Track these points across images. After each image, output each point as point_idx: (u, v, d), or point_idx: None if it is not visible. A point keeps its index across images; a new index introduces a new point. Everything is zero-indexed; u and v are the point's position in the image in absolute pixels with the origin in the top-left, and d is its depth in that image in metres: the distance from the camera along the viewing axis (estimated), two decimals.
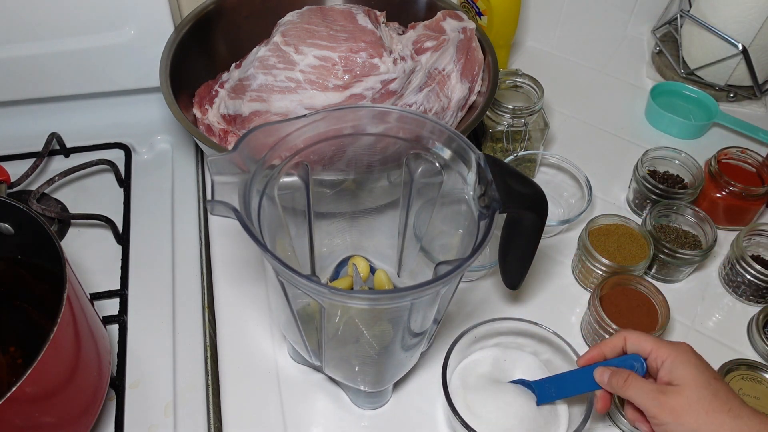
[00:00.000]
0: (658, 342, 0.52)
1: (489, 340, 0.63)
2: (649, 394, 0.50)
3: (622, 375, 0.53)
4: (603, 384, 0.54)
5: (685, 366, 0.50)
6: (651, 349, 0.52)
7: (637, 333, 0.54)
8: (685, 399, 0.49)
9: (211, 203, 0.46)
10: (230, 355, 0.66)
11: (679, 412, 0.48)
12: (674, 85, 0.95)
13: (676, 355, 0.51)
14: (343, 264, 0.69)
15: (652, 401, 0.50)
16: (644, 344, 0.53)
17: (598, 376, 0.54)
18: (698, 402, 0.48)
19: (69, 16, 0.78)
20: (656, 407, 0.50)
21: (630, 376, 0.52)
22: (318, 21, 0.73)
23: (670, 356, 0.51)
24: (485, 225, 0.49)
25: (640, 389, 0.51)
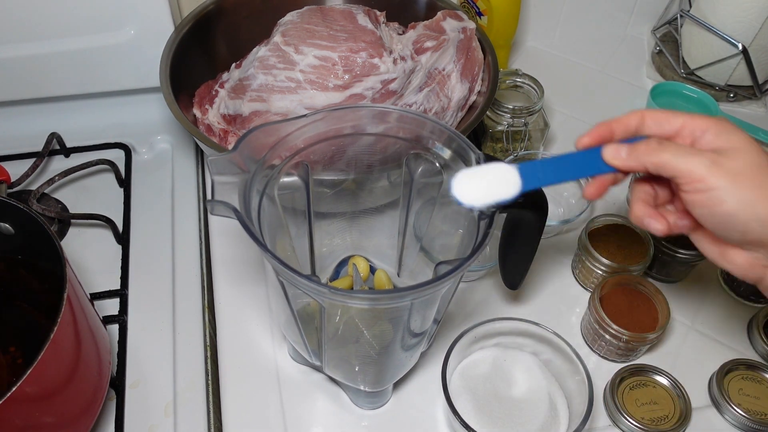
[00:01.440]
0: (688, 114, 0.42)
1: (489, 340, 0.63)
2: (695, 154, 0.40)
3: (649, 144, 0.42)
4: (617, 160, 0.43)
5: (735, 131, 0.41)
6: (682, 122, 0.42)
7: (658, 110, 0.44)
8: (747, 162, 0.39)
9: (211, 203, 0.46)
10: (230, 355, 0.66)
11: (739, 176, 0.39)
12: (674, 85, 0.95)
13: (718, 122, 0.41)
14: (343, 264, 0.69)
15: (700, 161, 0.40)
16: (672, 119, 0.42)
17: (611, 152, 0.43)
18: (759, 168, 0.40)
19: (69, 16, 0.78)
20: (707, 167, 0.40)
21: (664, 143, 0.41)
22: (318, 21, 0.73)
23: (713, 124, 0.41)
24: (485, 225, 0.49)
25: (679, 150, 0.41)
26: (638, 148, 0.42)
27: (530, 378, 0.62)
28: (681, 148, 0.41)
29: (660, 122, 0.43)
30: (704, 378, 0.66)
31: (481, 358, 0.63)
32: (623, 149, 0.43)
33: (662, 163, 0.41)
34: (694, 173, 0.40)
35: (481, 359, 0.63)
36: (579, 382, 0.58)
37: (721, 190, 0.39)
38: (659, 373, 0.64)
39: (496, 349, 0.64)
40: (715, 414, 0.63)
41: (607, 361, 0.67)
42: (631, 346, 0.64)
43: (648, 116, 0.44)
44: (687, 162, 0.40)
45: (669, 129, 0.43)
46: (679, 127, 0.43)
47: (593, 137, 0.45)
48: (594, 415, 0.63)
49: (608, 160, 0.44)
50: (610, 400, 0.62)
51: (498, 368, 0.63)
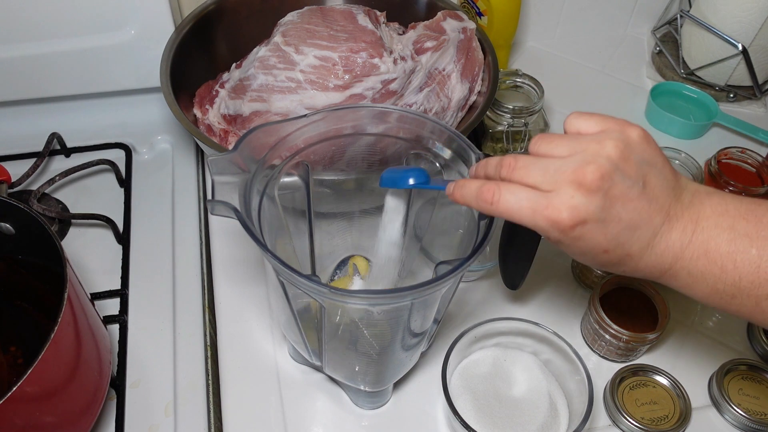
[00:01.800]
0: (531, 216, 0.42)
1: (489, 340, 0.63)
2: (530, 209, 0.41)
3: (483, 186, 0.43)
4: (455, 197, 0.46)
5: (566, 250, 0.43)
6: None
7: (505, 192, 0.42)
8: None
9: (212, 203, 0.46)
10: (230, 355, 0.67)
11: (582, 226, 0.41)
12: (674, 85, 0.95)
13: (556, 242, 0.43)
14: (344, 264, 0.69)
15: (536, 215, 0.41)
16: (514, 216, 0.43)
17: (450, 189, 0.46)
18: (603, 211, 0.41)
19: (69, 16, 0.79)
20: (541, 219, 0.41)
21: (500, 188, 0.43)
22: (318, 21, 0.73)
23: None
24: (485, 225, 0.49)
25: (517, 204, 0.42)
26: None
27: (530, 378, 0.62)
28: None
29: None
30: (704, 378, 0.66)
31: (481, 358, 0.63)
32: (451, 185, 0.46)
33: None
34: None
35: (481, 359, 0.63)
36: (579, 382, 0.58)
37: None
38: (659, 373, 0.64)
39: (496, 349, 0.64)
40: (715, 414, 0.63)
41: (607, 361, 0.67)
42: (631, 346, 0.64)
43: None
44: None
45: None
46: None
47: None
48: (594, 415, 0.63)
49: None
50: (610, 400, 0.62)
51: (498, 368, 0.63)
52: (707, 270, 0.43)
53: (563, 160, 0.42)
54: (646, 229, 0.42)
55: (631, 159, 0.41)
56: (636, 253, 0.43)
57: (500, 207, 0.42)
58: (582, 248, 0.42)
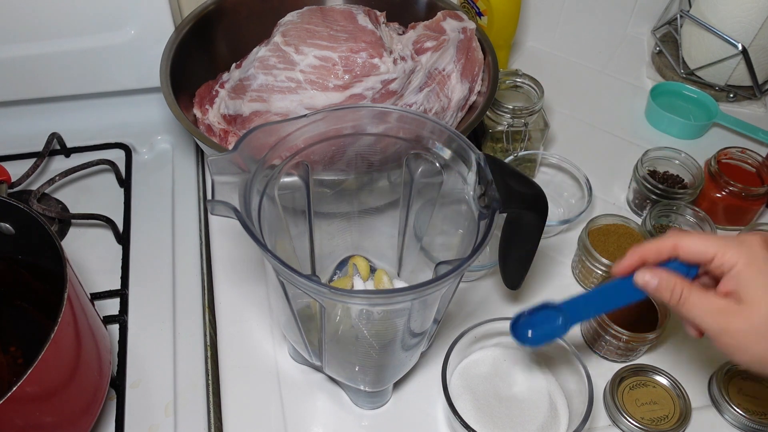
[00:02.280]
0: (722, 244, 0.43)
1: (489, 340, 0.63)
2: (709, 313, 0.43)
3: (674, 287, 0.44)
4: (649, 290, 0.46)
5: (756, 278, 0.42)
6: (714, 254, 0.44)
7: (691, 238, 0.45)
8: (754, 322, 0.42)
9: (212, 203, 0.46)
10: (230, 355, 0.67)
11: (744, 338, 0.42)
12: (674, 85, 0.95)
13: (747, 262, 0.42)
14: (343, 264, 0.69)
15: (713, 323, 0.43)
16: (704, 250, 0.44)
17: (642, 280, 0.46)
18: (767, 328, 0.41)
19: (69, 16, 0.79)
20: (718, 331, 0.43)
21: (685, 290, 0.44)
22: (318, 21, 0.73)
23: (739, 262, 0.43)
24: (485, 225, 0.49)
25: (698, 307, 0.43)
26: (660, 293, 0.45)
27: (530, 378, 0.62)
28: (698, 307, 0.44)
29: (692, 254, 0.45)
30: (704, 378, 0.66)
31: (481, 358, 0.63)
32: (653, 281, 0.46)
33: (683, 316, 0.45)
34: (709, 333, 0.44)
35: (481, 359, 0.63)
36: (579, 382, 0.58)
37: (731, 348, 0.43)
38: (659, 373, 0.64)
39: (496, 349, 0.64)
40: (715, 414, 0.63)
41: (607, 361, 0.67)
42: (631, 346, 0.64)
43: (680, 246, 0.45)
44: (702, 323, 0.44)
45: (702, 259, 0.45)
46: (712, 257, 0.44)
47: (624, 269, 0.48)
48: (594, 415, 0.63)
49: (639, 284, 0.46)
50: (610, 400, 0.62)
51: (498, 368, 0.63)
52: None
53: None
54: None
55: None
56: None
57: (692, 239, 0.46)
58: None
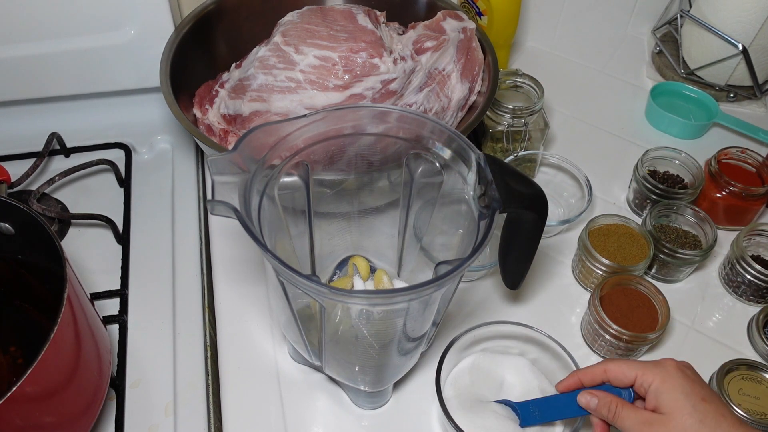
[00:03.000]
0: (641, 367, 0.52)
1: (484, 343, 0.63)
2: (637, 424, 0.51)
3: (610, 404, 0.52)
4: (590, 410, 0.54)
5: (671, 392, 0.50)
6: (635, 376, 0.52)
7: (617, 363, 0.54)
8: (672, 428, 0.49)
9: (212, 203, 0.46)
10: (230, 355, 0.67)
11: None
12: (674, 85, 0.95)
13: (662, 380, 0.51)
14: (343, 264, 0.69)
15: (640, 430, 0.50)
16: (627, 374, 0.53)
17: (584, 401, 0.54)
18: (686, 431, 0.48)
19: (69, 16, 0.79)
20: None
21: (618, 406, 0.52)
22: (318, 21, 0.73)
23: (655, 380, 0.51)
24: (485, 225, 0.49)
25: (629, 419, 0.51)
26: (599, 410, 0.53)
27: (523, 381, 0.62)
28: (628, 418, 0.51)
29: (618, 378, 0.53)
30: (704, 378, 0.65)
31: (475, 362, 0.63)
32: (593, 402, 0.53)
33: (619, 426, 0.52)
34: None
35: (474, 364, 0.63)
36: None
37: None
38: None
39: (490, 352, 0.63)
40: None
41: None
42: (632, 346, 0.64)
43: (608, 372, 0.54)
44: (632, 428, 0.51)
45: (627, 382, 0.53)
46: (633, 380, 0.52)
47: (564, 387, 0.56)
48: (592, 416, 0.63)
49: (582, 404, 0.54)
50: None
51: (492, 371, 0.62)
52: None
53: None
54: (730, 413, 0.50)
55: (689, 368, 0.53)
56: (729, 416, 0.49)
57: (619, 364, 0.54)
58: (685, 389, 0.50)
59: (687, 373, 0.51)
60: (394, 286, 0.66)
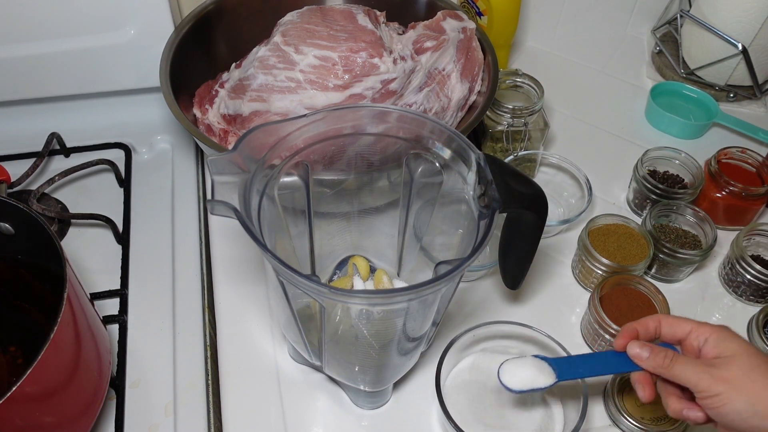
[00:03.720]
0: (696, 322, 0.51)
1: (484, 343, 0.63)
2: (698, 367, 0.48)
3: (665, 355, 0.50)
4: (641, 361, 0.51)
5: (733, 339, 0.49)
6: (690, 329, 0.50)
7: (672, 316, 0.52)
8: (739, 368, 0.47)
9: (212, 203, 0.46)
10: (230, 355, 0.67)
11: (734, 381, 0.47)
12: (674, 85, 0.95)
13: (720, 330, 0.49)
14: (343, 264, 0.69)
15: (702, 374, 0.48)
16: (682, 325, 0.51)
17: (635, 352, 0.51)
18: (754, 370, 0.46)
19: (69, 16, 0.79)
20: (708, 379, 0.47)
21: (673, 355, 0.50)
22: (318, 21, 0.73)
23: (714, 332, 0.49)
24: (485, 225, 0.49)
25: (687, 365, 0.49)
26: (653, 359, 0.51)
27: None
28: (687, 364, 0.49)
29: (673, 328, 0.52)
30: None
31: (475, 362, 0.63)
32: (645, 351, 0.51)
33: (673, 376, 0.49)
34: (700, 385, 0.48)
35: (474, 364, 0.63)
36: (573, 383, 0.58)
37: (722, 396, 0.47)
38: None
39: (490, 352, 0.64)
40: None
41: None
42: None
43: (663, 323, 0.52)
44: (692, 376, 0.48)
45: (680, 334, 0.51)
46: (688, 333, 0.51)
47: (625, 338, 0.53)
48: (594, 416, 0.63)
49: (632, 356, 0.52)
50: (610, 400, 0.62)
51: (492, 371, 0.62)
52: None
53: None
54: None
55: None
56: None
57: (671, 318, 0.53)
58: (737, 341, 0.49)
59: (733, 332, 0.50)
60: (394, 286, 0.66)
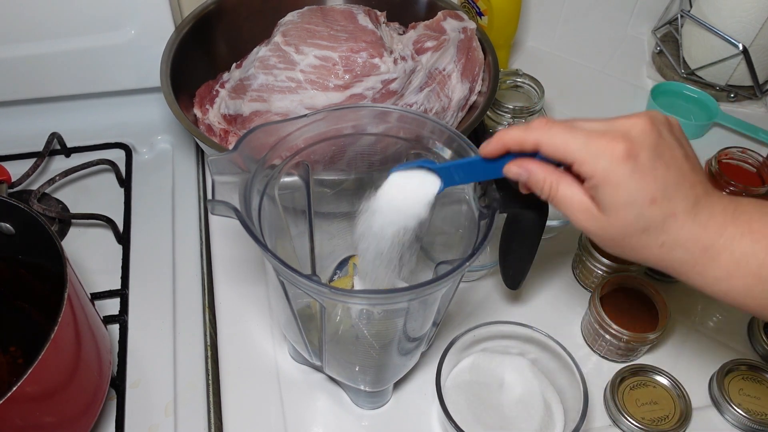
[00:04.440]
0: (581, 149, 0.41)
1: (484, 343, 0.63)
2: (575, 211, 0.43)
3: (545, 181, 0.44)
4: (520, 182, 0.46)
5: (612, 195, 0.41)
6: (573, 161, 0.42)
7: (555, 135, 0.42)
8: (610, 232, 0.42)
9: (212, 203, 0.46)
10: (231, 355, 0.67)
11: (601, 239, 0.43)
12: (675, 85, 0.95)
13: (604, 176, 0.41)
14: (344, 264, 0.69)
15: (578, 219, 0.43)
16: (565, 155, 0.42)
17: (513, 173, 0.46)
18: (623, 238, 0.42)
19: (69, 16, 0.79)
20: (582, 227, 0.43)
21: (554, 183, 0.44)
22: (318, 21, 0.73)
23: (595, 175, 0.41)
24: (485, 225, 0.49)
25: (567, 202, 0.43)
26: (534, 186, 0.45)
27: (524, 381, 0.62)
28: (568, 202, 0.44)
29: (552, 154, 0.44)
30: (704, 378, 0.66)
31: (476, 361, 0.63)
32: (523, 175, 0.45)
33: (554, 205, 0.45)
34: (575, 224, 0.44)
35: (475, 363, 0.63)
36: (573, 384, 0.58)
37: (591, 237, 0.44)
38: (659, 373, 0.64)
39: (490, 352, 0.64)
40: (716, 414, 0.63)
41: (608, 361, 0.67)
42: (632, 346, 0.64)
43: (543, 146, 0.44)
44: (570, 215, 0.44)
45: (562, 162, 0.44)
46: (571, 163, 0.43)
47: (492, 150, 0.46)
48: (594, 415, 0.63)
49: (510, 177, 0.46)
50: (610, 400, 0.62)
51: (492, 371, 0.62)
52: (751, 251, 0.40)
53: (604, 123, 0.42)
54: (690, 190, 0.41)
55: (673, 126, 0.43)
56: (681, 212, 0.41)
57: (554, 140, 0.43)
58: (630, 192, 0.40)
59: (639, 162, 0.40)
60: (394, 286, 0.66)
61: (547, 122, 0.43)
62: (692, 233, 0.41)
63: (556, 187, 0.44)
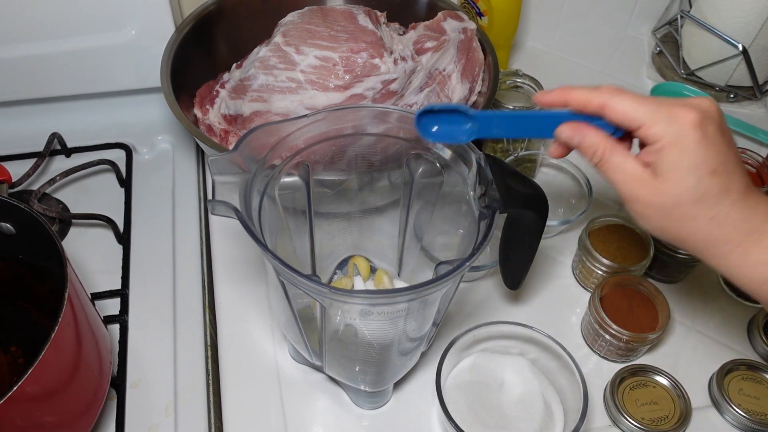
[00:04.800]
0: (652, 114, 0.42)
1: (482, 344, 0.63)
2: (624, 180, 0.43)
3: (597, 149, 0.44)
4: (571, 146, 0.46)
5: (676, 158, 0.41)
6: (642, 124, 0.43)
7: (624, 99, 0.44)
8: (662, 199, 0.42)
9: (212, 203, 0.46)
10: (231, 355, 0.67)
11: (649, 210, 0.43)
12: (674, 86, 0.95)
13: (673, 140, 0.41)
14: (344, 264, 0.69)
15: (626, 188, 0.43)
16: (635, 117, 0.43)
17: (566, 135, 0.45)
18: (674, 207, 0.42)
19: (69, 16, 0.79)
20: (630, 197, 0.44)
21: (606, 151, 0.44)
22: (319, 21, 0.73)
23: (665, 138, 0.42)
24: (485, 225, 0.49)
25: (617, 171, 0.44)
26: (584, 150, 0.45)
27: (524, 381, 0.62)
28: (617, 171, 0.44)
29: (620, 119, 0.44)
30: (704, 378, 0.66)
31: (475, 362, 0.63)
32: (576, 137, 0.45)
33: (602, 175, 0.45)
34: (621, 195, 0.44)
35: (475, 363, 0.63)
36: (573, 384, 0.58)
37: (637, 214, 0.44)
38: (659, 374, 0.64)
39: (490, 352, 0.64)
40: (716, 414, 0.63)
41: (608, 361, 0.67)
42: (632, 346, 0.64)
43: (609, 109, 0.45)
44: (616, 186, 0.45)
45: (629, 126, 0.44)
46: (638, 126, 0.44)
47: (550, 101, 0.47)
48: (594, 416, 0.63)
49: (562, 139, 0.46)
50: (610, 400, 0.62)
51: (492, 372, 0.62)
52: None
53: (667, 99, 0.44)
54: (744, 173, 0.42)
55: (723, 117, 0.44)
56: (735, 190, 0.42)
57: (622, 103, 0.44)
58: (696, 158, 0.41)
59: (707, 133, 0.41)
60: (395, 286, 0.67)
61: (616, 88, 0.45)
62: (743, 213, 0.42)
63: (609, 154, 0.44)
